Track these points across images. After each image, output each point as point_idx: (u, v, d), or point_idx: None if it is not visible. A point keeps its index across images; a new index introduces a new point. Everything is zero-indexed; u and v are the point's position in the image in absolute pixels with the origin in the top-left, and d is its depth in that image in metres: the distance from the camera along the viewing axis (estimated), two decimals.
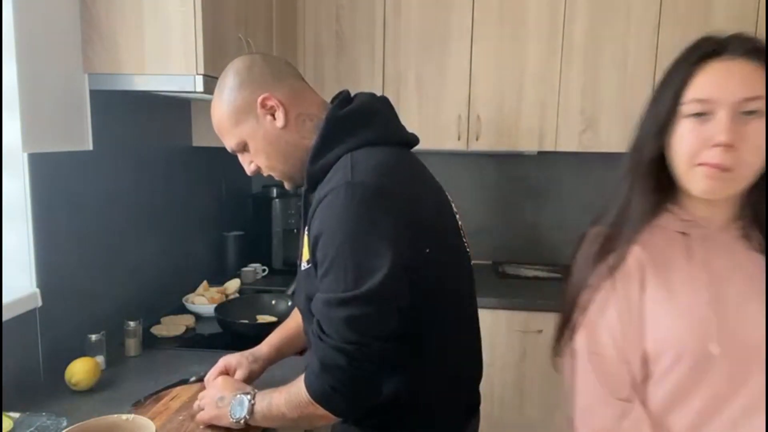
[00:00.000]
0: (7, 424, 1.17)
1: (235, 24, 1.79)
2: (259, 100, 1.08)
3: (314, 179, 1.07)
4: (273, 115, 1.09)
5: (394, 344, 0.98)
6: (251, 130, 1.10)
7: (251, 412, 1.09)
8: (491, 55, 2.50)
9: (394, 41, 2.51)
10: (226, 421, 1.13)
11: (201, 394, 1.23)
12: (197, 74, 1.55)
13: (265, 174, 1.16)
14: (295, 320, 1.41)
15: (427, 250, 1.02)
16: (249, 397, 1.10)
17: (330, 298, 0.96)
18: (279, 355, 1.39)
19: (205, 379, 1.32)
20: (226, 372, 1.30)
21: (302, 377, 1.02)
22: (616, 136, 2.49)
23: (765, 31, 2.35)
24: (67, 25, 1.54)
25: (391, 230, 0.96)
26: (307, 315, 1.12)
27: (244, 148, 1.13)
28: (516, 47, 2.48)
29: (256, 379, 1.33)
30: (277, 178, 1.17)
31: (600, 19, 2.44)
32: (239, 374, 1.30)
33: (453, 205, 1.19)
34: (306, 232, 1.06)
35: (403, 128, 1.16)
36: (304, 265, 1.10)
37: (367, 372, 0.97)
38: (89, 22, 1.57)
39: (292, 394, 1.03)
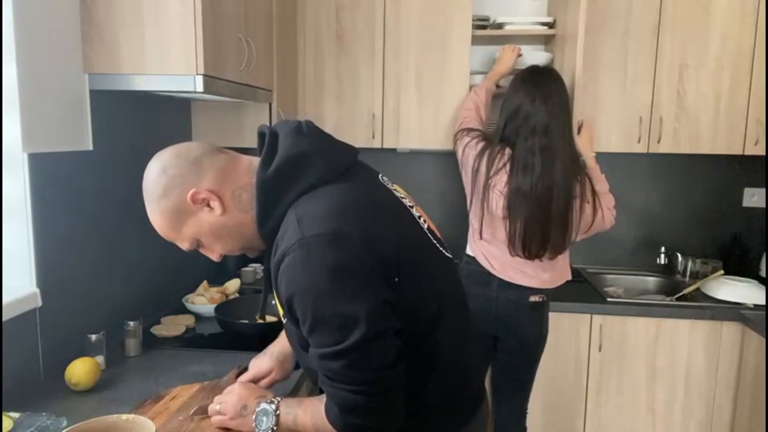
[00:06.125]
0: (7, 424, 1.17)
1: (235, 24, 1.79)
2: (189, 197, 1.04)
3: (270, 239, 1.05)
4: (209, 206, 1.05)
5: (403, 365, 0.99)
6: (196, 227, 1.07)
7: (277, 423, 1.09)
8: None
9: (394, 41, 2.50)
10: (248, 429, 1.13)
11: (218, 398, 1.21)
12: (197, 74, 1.55)
13: (231, 254, 1.14)
14: None
15: (396, 279, 0.99)
16: (273, 407, 1.10)
17: (324, 353, 0.96)
18: None
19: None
20: (257, 380, 1.31)
21: (322, 406, 1.02)
22: (616, 136, 2.50)
23: (765, 31, 2.35)
24: (67, 25, 1.54)
25: (358, 270, 0.95)
26: (300, 350, 1.13)
27: (198, 244, 1.11)
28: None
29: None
30: (238, 254, 1.15)
31: (600, 19, 2.44)
32: (276, 376, 1.32)
33: (415, 209, 1.15)
34: (275, 292, 1.06)
35: (336, 154, 1.09)
36: (284, 319, 1.10)
37: (388, 399, 0.98)
38: (89, 22, 1.57)
39: (316, 420, 1.04)
